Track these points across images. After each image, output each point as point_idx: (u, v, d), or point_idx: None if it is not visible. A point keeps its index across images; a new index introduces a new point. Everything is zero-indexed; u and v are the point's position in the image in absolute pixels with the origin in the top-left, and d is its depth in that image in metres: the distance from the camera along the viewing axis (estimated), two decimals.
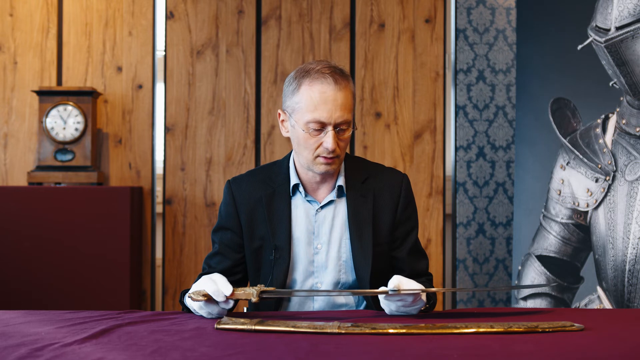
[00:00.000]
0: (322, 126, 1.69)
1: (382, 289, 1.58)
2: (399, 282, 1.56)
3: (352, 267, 1.79)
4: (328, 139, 1.69)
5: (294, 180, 1.81)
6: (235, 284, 1.81)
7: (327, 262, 1.80)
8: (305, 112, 1.69)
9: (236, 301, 1.61)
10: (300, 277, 1.80)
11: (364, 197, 1.81)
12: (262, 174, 1.86)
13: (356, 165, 1.87)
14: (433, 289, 1.61)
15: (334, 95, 1.68)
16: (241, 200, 1.82)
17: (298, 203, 1.82)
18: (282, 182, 1.82)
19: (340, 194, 1.82)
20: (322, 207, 1.81)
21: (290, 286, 1.80)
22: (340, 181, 1.81)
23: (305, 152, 1.73)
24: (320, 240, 1.80)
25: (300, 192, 1.82)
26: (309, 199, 1.82)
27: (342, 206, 1.82)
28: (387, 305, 1.59)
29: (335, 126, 1.69)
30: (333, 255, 1.80)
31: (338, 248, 1.80)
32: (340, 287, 1.80)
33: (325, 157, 1.71)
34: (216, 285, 1.53)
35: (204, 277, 1.57)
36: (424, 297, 1.62)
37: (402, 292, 1.54)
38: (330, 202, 1.82)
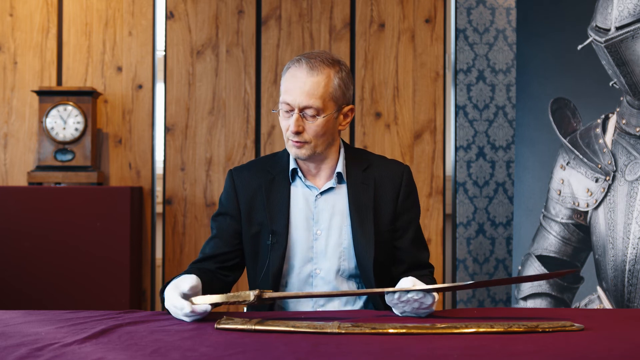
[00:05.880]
0: (290, 109, 1.75)
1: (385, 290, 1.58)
2: (413, 284, 1.57)
3: (353, 254, 1.80)
4: (291, 121, 1.74)
5: (292, 166, 1.84)
6: (231, 269, 1.83)
7: (326, 248, 1.80)
8: (281, 94, 1.78)
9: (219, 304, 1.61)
10: (298, 262, 1.80)
11: (365, 184, 1.83)
12: (263, 163, 1.91)
13: (357, 154, 1.90)
14: (442, 286, 1.60)
15: (304, 79, 1.73)
16: (241, 188, 1.85)
17: (298, 189, 1.84)
18: (282, 170, 1.85)
19: (340, 181, 1.84)
20: (321, 194, 1.83)
21: (288, 272, 1.81)
22: (340, 168, 1.83)
23: (283, 133, 1.80)
24: (320, 227, 1.81)
25: (300, 177, 1.84)
26: (308, 184, 1.83)
27: (342, 193, 1.83)
28: (401, 307, 1.58)
29: (301, 110, 1.73)
30: (333, 242, 1.80)
31: (338, 235, 1.81)
32: (340, 274, 1.81)
33: (292, 140, 1.76)
34: (173, 305, 1.52)
35: (167, 296, 1.55)
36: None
37: (412, 290, 1.54)
38: (330, 188, 1.83)
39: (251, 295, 1.54)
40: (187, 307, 1.50)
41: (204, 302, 1.52)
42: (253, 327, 1.42)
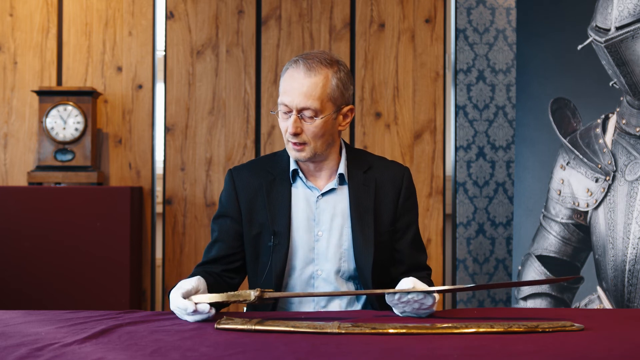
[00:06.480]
0: (289, 110, 1.74)
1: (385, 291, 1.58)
2: (414, 285, 1.57)
3: (352, 256, 1.80)
4: (289, 122, 1.74)
5: (293, 166, 1.83)
6: (236, 271, 1.83)
7: (327, 249, 1.80)
8: (280, 95, 1.77)
9: (226, 304, 1.61)
10: (300, 264, 1.80)
11: (366, 186, 1.83)
12: (263, 162, 1.90)
13: (358, 156, 1.89)
14: (444, 288, 1.60)
15: (301, 81, 1.72)
16: (242, 188, 1.84)
17: (299, 190, 1.83)
18: (283, 170, 1.85)
19: (341, 182, 1.84)
20: (323, 195, 1.83)
21: (290, 273, 1.80)
22: (342, 169, 1.83)
23: (283, 135, 1.79)
24: (322, 228, 1.81)
25: (301, 178, 1.83)
26: (309, 185, 1.83)
27: (343, 194, 1.83)
28: (402, 307, 1.59)
29: (299, 111, 1.73)
30: (334, 243, 1.80)
31: (339, 236, 1.81)
32: (341, 275, 1.81)
33: (292, 142, 1.76)
34: (177, 306, 1.53)
35: (171, 298, 1.55)
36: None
37: (413, 290, 1.55)
38: (332, 190, 1.83)
39: (252, 294, 1.54)
40: (191, 306, 1.51)
41: (203, 301, 1.52)
42: (253, 327, 1.42)
